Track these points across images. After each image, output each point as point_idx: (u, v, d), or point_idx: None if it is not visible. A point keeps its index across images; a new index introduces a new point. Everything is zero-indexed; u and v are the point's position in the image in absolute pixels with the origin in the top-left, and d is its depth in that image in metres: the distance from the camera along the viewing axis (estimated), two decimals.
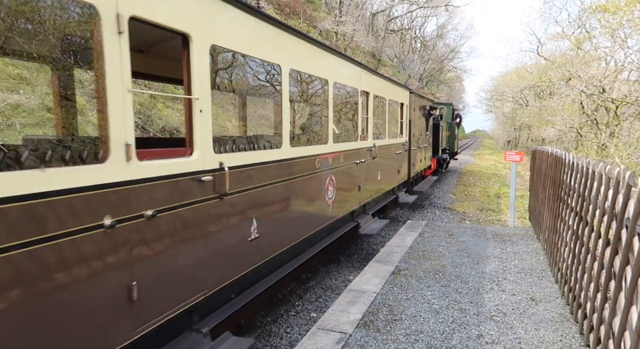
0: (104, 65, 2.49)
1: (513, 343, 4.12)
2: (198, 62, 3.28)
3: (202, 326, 3.47)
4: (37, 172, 2.15)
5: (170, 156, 3.14)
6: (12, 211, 2.03)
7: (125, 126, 2.64)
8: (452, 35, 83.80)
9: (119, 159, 2.60)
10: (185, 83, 3.26)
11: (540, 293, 5.33)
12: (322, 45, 5.90)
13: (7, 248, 2.00)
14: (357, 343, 4.10)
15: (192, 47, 3.22)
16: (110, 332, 2.60)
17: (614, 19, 23.86)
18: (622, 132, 26.94)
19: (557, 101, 32.31)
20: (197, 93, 3.29)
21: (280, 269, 4.89)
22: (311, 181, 5.51)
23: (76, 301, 2.37)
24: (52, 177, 2.21)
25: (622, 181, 3.28)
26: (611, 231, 3.48)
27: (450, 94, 75.39)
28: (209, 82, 3.42)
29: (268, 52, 4.41)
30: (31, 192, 2.11)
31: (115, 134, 2.58)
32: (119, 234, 2.60)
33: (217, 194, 3.53)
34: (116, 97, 2.58)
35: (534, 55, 41.17)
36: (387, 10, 41.76)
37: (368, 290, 5.40)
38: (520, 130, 56.24)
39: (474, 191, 18.18)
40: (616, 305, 3.21)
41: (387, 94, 9.50)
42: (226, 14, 3.66)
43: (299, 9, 26.23)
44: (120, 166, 2.62)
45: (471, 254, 6.98)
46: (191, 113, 3.29)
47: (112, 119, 2.55)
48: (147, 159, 2.84)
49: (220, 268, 3.68)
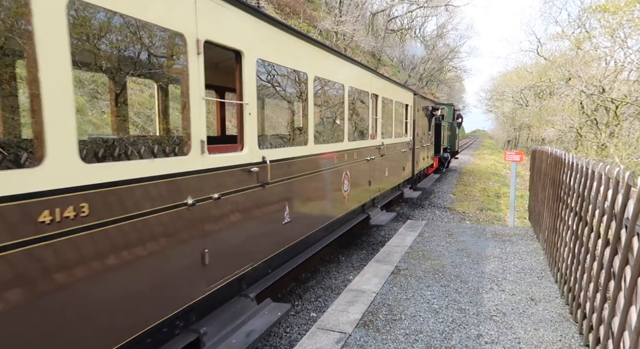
0: (188, 79, 3.22)
1: (512, 343, 4.12)
2: (247, 73, 4.02)
3: (249, 292, 4.24)
4: (149, 162, 2.93)
5: (227, 150, 3.86)
6: (137, 189, 2.80)
7: (200, 127, 3.36)
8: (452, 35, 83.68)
9: (197, 152, 3.33)
10: (237, 91, 3.99)
11: (539, 293, 5.33)
12: (340, 54, 6.68)
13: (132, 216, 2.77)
14: (356, 342, 4.10)
15: (243, 62, 3.97)
16: (192, 287, 3.38)
17: (614, 19, 23.86)
18: (622, 132, 26.95)
19: (557, 100, 32.32)
20: (247, 99, 4.02)
21: (305, 251, 5.62)
22: (330, 174, 6.22)
23: (170, 261, 3.11)
24: (157, 165, 2.97)
25: (621, 181, 3.29)
26: (610, 231, 3.48)
27: (450, 93, 75.39)
28: (255, 89, 4.14)
29: (298, 62, 5.18)
30: (146, 175, 2.85)
31: (195, 133, 3.30)
32: (196, 211, 3.34)
33: (260, 183, 4.26)
34: (195, 104, 3.30)
35: (534, 55, 41.19)
36: (387, 10, 41.76)
37: (368, 290, 5.40)
38: (520, 130, 56.25)
39: (473, 190, 18.18)
40: (615, 305, 3.21)
41: (394, 96, 10.13)
42: (268, 32, 4.39)
43: (298, 8, 26.23)
44: (198, 158, 3.34)
45: (471, 254, 6.98)
46: (242, 115, 4.01)
47: (193, 121, 3.27)
48: (213, 153, 3.56)
49: (263, 245, 4.42)
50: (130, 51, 3.53)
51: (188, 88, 3.25)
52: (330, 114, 6.66)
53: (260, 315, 4.05)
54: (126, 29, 3.07)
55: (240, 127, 4.05)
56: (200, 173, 3.39)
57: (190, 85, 3.25)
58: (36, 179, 2.16)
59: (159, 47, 3.40)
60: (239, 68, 3.97)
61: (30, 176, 2.14)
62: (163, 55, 3.58)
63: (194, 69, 3.28)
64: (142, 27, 3.05)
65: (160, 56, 3.59)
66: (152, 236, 2.94)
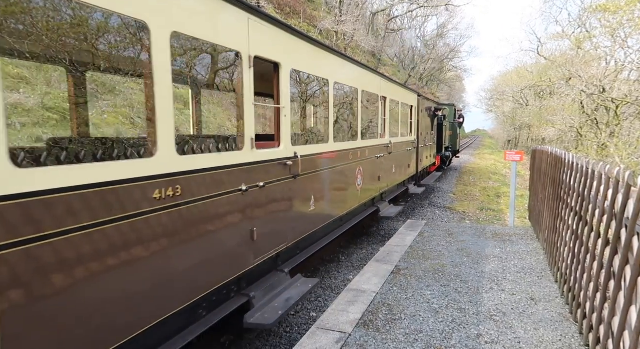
0: (242, 88, 3.99)
1: (512, 343, 4.12)
2: (283, 81, 4.75)
3: (284, 268, 5.00)
4: (217, 155, 3.70)
5: (268, 147, 4.62)
6: (209, 176, 3.53)
7: (251, 127, 4.14)
8: (453, 35, 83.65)
9: (248, 148, 4.11)
10: (275, 96, 4.78)
11: (539, 293, 5.33)
12: (355, 61, 7.47)
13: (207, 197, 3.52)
14: (356, 342, 4.10)
15: (280, 72, 4.70)
16: (244, 259, 4.16)
17: (614, 18, 23.85)
18: (622, 131, 26.93)
19: (557, 100, 32.30)
20: (283, 103, 4.77)
21: (325, 237, 6.44)
22: (347, 170, 6.99)
23: (231, 236, 3.90)
24: (223, 158, 3.76)
25: (621, 181, 3.28)
26: (611, 231, 3.48)
27: (451, 93, 75.35)
28: (289, 94, 4.89)
29: (321, 70, 5.95)
30: (216, 166, 3.63)
31: (247, 132, 4.08)
32: (248, 196, 4.11)
33: (293, 175, 5.01)
34: (247, 109, 4.07)
35: (534, 54, 41.16)
36: (387, 10, 41.73)
37: (368, 290, 5.40)
38: (520, 130, 56.23)
39: (474, 190, 18.18)
40: (615, 305, 3.21)
41: (400, 98, 10.87)
42: (299, 46, 5.17)
43: (299, 8, 26.22)
44: (249, 153, 4.12)
45: (471, 254, 6.98)
46: (279, 117, 4.75)
47: (246, 123, 4.05)
48: (259, 148, 4.31)
49: (295, 228, 5.22)
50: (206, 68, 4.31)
51: (242, 96, 4.03)
52: (347, 115, 7.24)
53: (294, 286, 4.81)
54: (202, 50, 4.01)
55: (278, 127, 4.82)
56: (251, 165, 4.17)
57: (244, 93, 4.04)
58: (151, 166, 2.97)
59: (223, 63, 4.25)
60: (276, 77, 4.74)
61: (148, 164, 2.97)
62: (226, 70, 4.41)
63: (247, 80, 4.06)
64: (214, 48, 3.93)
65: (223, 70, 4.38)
66: (219, 214, 3.69)
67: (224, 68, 4.40)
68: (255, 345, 4.82)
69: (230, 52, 4.10)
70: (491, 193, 17.77)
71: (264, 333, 5.08)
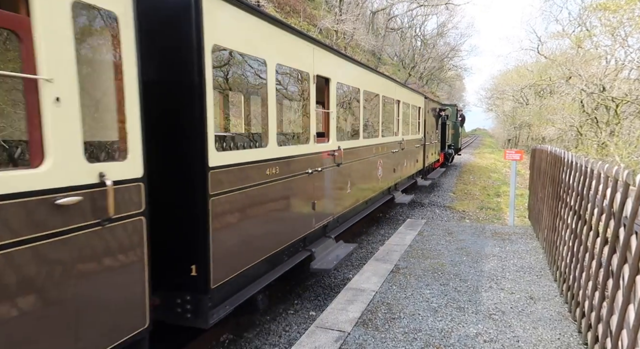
0: (309, 99, 5.56)
1: (511, 341, 4.12)
2: (332, 92, 6.28)
3: (331, 234, 6.53)
4: (293, 146, 5.21)
5: (322, 141, 5.99)
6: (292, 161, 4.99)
7: (314, 126, 5.64)
8: (453, 34, 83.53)
9: (312, 142, 5.57)
10: (326, 103, 6.30)
11: (538, 292, 5.33)
12: (378, 72, 9.30)
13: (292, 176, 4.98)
14: (355, 341, 4.10)
15: (330, 85, 6.26)
16: (308, 222, 5.62)
17: (615, 17, 23.82)
18: (622, 130, 26.93)
19: (558, 99, 32.29)
20: (331, 108, 6.27)
21: (354, 216, 7.83)
22: (371, 162, 8.41)
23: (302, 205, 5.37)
24: (300, 148, 5.24)
25: (620, 180, 3.28)
26: (609, 230, 3.48)
27: (451, 92, 75.32)
28: (335, 101, 6.37)
29: (355, 81, 7.40)
30: (296, 154, 5.08)
31: (312, 130, 5.58)
32: (311, 177, 5.54)
33: (337, 163, 6.46)
34: (312, 113, 5.57)
35: (535, 53, 41.10)
36: (388, 9, 41.70)
37: (367, 289, 5.40)
38: (520, 129, 56.21)
39: (473, 189, 18.18)
40: (614, 303, 3.21)
41: (410, 101, 12.25)
42: (341, 63, 6.68)
43: (299, 7, 26.20)
44: (313, 145, 5.58)
45: (470, 253, 6.98)
46: (328, 119, 6.26)
47: (311, 124, 5.59)
48: (317, 142, 5.72)
49: (337, 205, 6.70)
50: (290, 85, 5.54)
51: (309, 104, 5.58)
52: (372, 116, 8.64)
53: (339, 248, 6.33)
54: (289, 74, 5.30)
55: (327, 126, 6.31)
56: (313, 155, 5.58)
57: (310, 102, 5.59)
58: (265, 153, 4.46)
59: (296, 81, 5.53)
60: (327, 89, 6.27)
61: (264, 152, 4.45)
62: (298, 86, 5.61)
63: (312, 92, 5.60)
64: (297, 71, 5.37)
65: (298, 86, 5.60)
66: (297, 188, 5.19)
67: (298, 84, 5.61)
68: (255, 344, 4.83)
69: (303, 73, 5.48)
70: (491, 192, 17.78)
71: (262, 331, 5.10)
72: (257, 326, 5.20)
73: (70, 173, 2.39)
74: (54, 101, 2.29)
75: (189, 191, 3.56)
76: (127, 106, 2.79)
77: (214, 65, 3.68)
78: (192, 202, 3.54)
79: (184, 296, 3.60)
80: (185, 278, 3.56)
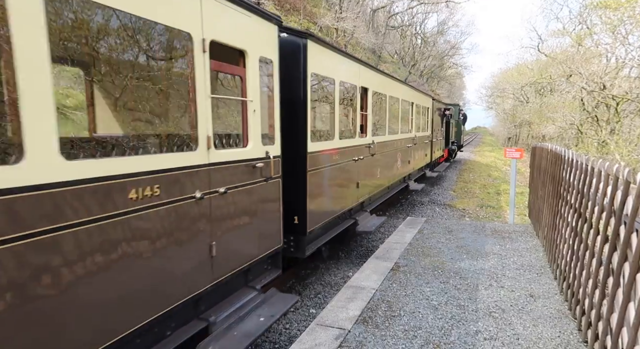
0: (357, 103, 7.45)
1: (511, 339, 4.13)
2: (369, 98, 8.10)
3: (367, 208, 8.45)
4: (347, 139, 6.99)
5: (362, 137, 7.71)
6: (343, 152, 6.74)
7: (357, 124, 7.38)
8: (453, 32, 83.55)
9: (357, 136, 7.43)
10: (364, 106, 7.90)
11: (539, 290, 5.34)
12: (400, 80, 11.34)
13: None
14: (355, 339, 4.11)
15: (369, 93, 8.03)
16: (354, 198, 7.47)
17: (615, 15, 23.76)
18: (623, 129, 26.90)
19: (558, 97, 32.25)
20: (368, 111, 8.05)
21: (381, 197, 9.78)
22: (393, 154, 10.26)
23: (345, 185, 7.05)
24: (351, 141, 7.20)
25: (620, 178, 3.28)
26: (610, 228, 3.48)
27: (451, 90, 75.19)
28: (372, 106, 8.21)
29: (385, 89, 9.35)
30: (349, 145, 7.04)
31: (357, 128, 7.43)
32: (357, 164, 7.40)
33: (371, 154, 8.26)
34: (357, 115, 7.43)
35: (535, 51, 41.04)
36: (388, 7, 41.59)
37: (367, 286, 5.41)
38: (520, 127, 56.13)
39: (473, 187, 18.17)
40: (614, 301, 3.21)
41: (421, 102, 14.12)
42: (376, 76, 8.62)
43: (299, 5, 26.13)
44: (357, 139, 7.40)
45: (470, 251, 6.99)
46: (366, 119, 7.96)
47: (357, 122, 7.40)
48: (360, 137, 7.53)
49: (371, 186, 8.57)
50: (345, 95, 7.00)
51: (357, 107, 7.44)
52: (393, 116, 10.22)
53: (375, 219, 8.25)
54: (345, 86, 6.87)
55: (365, 124, 7.95)
56: (358, 146, 7.48)
57: (357, 106, 7.44)
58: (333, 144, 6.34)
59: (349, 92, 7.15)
60: (366, 97, 7.99)
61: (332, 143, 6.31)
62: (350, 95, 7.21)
63: (357, 99, 7.45)
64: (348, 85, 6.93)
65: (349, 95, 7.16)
66: (348, 172, 7.04)
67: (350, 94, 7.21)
68: (255, 341, 4.83)
69: (353, 85, 7.25)
70: (491, 190, 17.77)
71: None
72: None
73: (258, 151, 4.38)
74: (253, 111, 4.27)
75: (297, 166, 5.46)
76: (275, 114, 4.71)
77: (310, 86, 5.54)
78: (298, 173, 5.48)
79: (289, 237, 5.55)
80: (291, 224, 5.47)
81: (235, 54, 4.08)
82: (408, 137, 11.84)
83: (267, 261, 4.74)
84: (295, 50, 5.31)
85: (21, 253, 2.15)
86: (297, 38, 5.33)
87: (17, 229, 2.12)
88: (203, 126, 3.48)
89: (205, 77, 3.48)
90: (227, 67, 4.08)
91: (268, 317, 4.02)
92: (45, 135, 2.23)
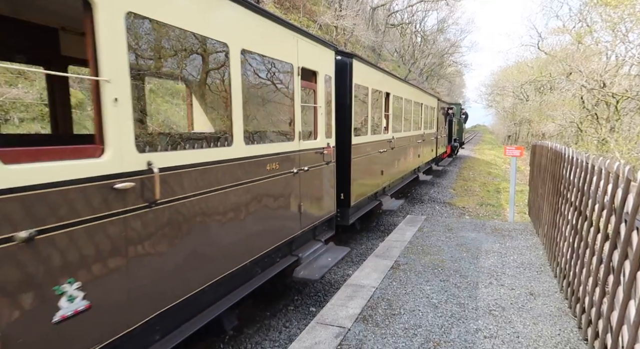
0: (388, 107, 9.78)
1: (511, 337, 4.12)
2: (391, 101, 9.71)
3: (388, 193, 10.12)
4: (376, 135, 8.83)
5: (384, 133, 9.40)
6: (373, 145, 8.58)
7: (383, 122, 9.35)
8: (453, 30, 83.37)
9: (382, 132, 9.32)
10: (387, 108, 9.58)
11: (539, 288, 5.34)
12: (414, 85, 13.74)
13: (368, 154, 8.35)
14: (355, 337, 4.11)
15: (390, 97, 9.74)
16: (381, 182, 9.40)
17: (615, 12, 23.71)
18: (623, 127, 26.89)
19: (558, 95, 32.22)
20: (390, 112, 9.68)
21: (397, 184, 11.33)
22: (406, 148, 11.87)
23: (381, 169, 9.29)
24: (381, 136, 9.19)
25: (621, 175, 3.27)
26: (610, 226, 3.47)
27: (451, 88, 75.14)
28: (392, 108, 9.86)
29: (403, 93, 11.19)
30: (374, 140, 8.65)
31: (383, 125, 9.33)
32: (383, 154, 9.29)
33: (391, 147, 9.90)
34: (385, 115, 9.48)
35: (535, 49, 40.96)
36: (387, 5, 41.51)
37: (367, 285, 5.40)
38: (520, 125, 56.09)
39: (473, 185, 18.17)
40: (614, 299, 3.21)
41: (428, 102, 15.94)
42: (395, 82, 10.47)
43: (298, 3, 26.07)
44: (382, 135, 9.30)
45: (470, 249, 6.98)
46: (388, 119, 9.62)
47: (382, 121, 9.32)
48: (384, 133, 9.39)
49: (392, 175, 10.27)
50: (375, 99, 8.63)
51: (385, 110, 9.34)
52: (406, 115, 11.86)
53: (394, 201, 10.00)
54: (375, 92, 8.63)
55: (387, 123, 9.53)
56: (383, 141, 9.15)
57: (390, 111, 9.67)
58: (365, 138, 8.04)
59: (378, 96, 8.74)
60: (388, 100, 9.56)
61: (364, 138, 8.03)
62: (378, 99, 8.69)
63: (383, 102, 9.19)
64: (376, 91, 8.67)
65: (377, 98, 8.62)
66: (379, 160, 8.95)
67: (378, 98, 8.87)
68: (255, 339, 4.83)
69: (380, 91, 8.94)
70: (491, 188, 17.77)
71: (262, 327, 5.10)
72: (257, 322, 5.21)
73: (323, 142, 6.03)
74: (320, 114, 5.95)
75: (344, 155, 7.09)
76: (332, 116, 6.43)
77: (354, 94, 7.21)
78: (345, 160, 7.13)
79: (337, 209, 6.92)
80: (338, 200, 7.01)
81: (311, 74, 5.73)
82: (418, 134, 13.71)
83: (325, 223, 6.41)
84: (344, 67, 7.00)
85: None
86: (345, 58, 7.07)
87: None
88: (297, 125, 5.23)
89: (298, 92, 5.24)
90: (307, 83, 5.62)
91: (333, 258, 5.71)
92: (240, 130, 4.00)
